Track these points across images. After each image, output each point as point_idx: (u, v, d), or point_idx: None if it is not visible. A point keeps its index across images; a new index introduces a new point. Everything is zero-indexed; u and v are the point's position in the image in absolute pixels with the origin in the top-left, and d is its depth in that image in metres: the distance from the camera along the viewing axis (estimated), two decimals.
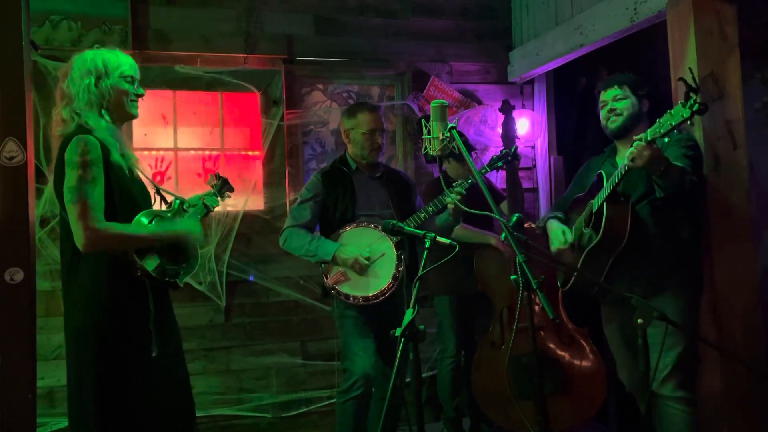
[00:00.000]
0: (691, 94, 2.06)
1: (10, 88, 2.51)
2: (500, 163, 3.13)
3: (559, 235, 2.76)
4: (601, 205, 2.53)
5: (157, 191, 2.37)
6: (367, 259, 2.89)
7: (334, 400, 3.76)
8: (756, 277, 2.73)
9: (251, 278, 3.78)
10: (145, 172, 2.32)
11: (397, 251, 2.92)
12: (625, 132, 2.68)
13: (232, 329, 3.77)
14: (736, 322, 2.66)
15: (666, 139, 2.38)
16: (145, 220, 2.13)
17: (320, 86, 4.05)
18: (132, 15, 3.63)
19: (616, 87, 2.69)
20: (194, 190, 2.67)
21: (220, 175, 2.64)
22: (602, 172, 2.62)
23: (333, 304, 3.05)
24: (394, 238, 2.89)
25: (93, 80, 2.15)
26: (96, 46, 2.28)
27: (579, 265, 2.65)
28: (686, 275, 2.58)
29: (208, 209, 2.45)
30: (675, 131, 2.47)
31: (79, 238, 2.03)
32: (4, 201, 2.49)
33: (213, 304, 3.71)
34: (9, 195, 2.49)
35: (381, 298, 2.87)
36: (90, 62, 2.17)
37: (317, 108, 4.03)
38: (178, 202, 2.36)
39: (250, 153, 3.90)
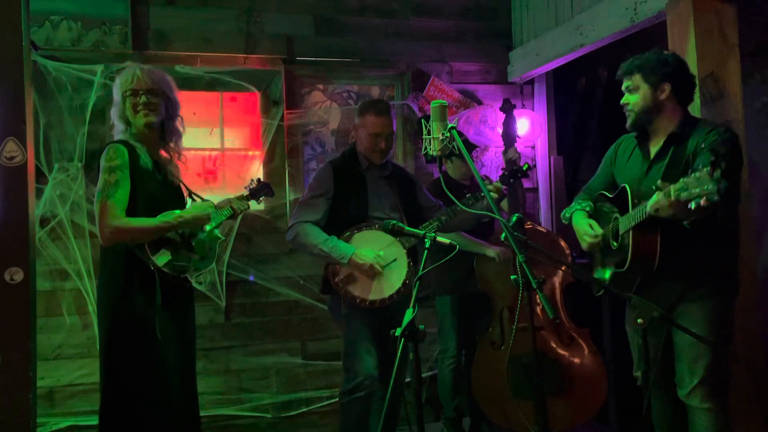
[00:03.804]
0: (721, 163, 1.86)
1: (10, 88, 2.51)
2: (512, 180, 3.06)
3: (587, 229, 2.57)
4: (628, 231, 2.35)
5: (190, 194, 2.64)
6: (381, 265, 2.81)
7: (334, 400, 3.77)
8: (756, 277, 2.74)
9: (251, 278, 3.77)
10: (180, 176, 2.60)
11: (408, 258, 2.85)
12: (642, 126, 2.49)
13: (232, 329, 3.77)
14: (736, 322, 2.66)
15: (703, 143, 2.18)
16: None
17: (320, 86, 4.05)
18: (132, 15, 3.63)
19: (627, 77, 2.47)
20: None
21: (262, 180, 2.92)
22: (626, 186, 2.42)
23: (333, 300, 2.97)
24: (407, 245, 2.83)
25: (116, 101, 2.47)
26: (128, 63, 2.60)
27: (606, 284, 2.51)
28: (715, 283, 2.41)
29: (234, 212, 2.71)
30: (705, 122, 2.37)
31: (100, 233, 2.32)
32: (4, 201, 2.48)
33: (213, 304, 3.71)
34: (9, 195, 2.49)
35: (388, 303, 2.81)
36: (116, 84, 2.48)
37: (317, 108, 4.03)
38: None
39: (250, 153, 3.90)
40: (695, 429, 2.45)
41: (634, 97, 2.45)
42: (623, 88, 2.49)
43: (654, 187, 2.15)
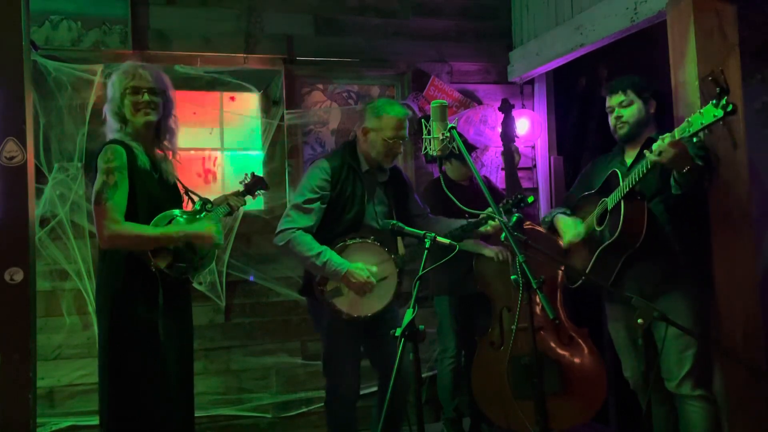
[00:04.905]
0: (724, 95, 2.01)
1: (10, 88, 2.51)
2: (514, 210, 3.02)
3: (571, 226, 2.74)
4: (618, 203, 2.52)
5: (186, 192, 2.60)
6: (374, 284, 2.73)
7: None
8: (756, 277, 2.73)
9: (251, 278, 3.77)
10: (176, 174, 2.57)
11: (398, 278, 2.80)
12: (633, 138, 2.69)
13: (232, 329, 3.77)
14: (736, 322, 2.66)
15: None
16: (163, 221, 2.37)
17: (320, 86, 4.05)
18: (132, 15, 3.63)
19: (620, 93, 2.68)
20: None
21: (256, 174, 2.89)
22: (617, 170, 2.62)
23: (314, 305, 2.87)
24: (400, 264, 2.80)
25: (112, 97, 2.43)
26: (129, 62, 2.51)
27: (591, 264, 2.65)
28: (696, 273, 2.58)
29: (231, 209, 2.70)
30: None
31: (99, 236, 2.31)
32: (4, 201, 2.48)
33: (213, 304, 3.71)
34: (9, 195, 2.49)
35: (370, 319, 2.77)
36: (113, 81, 2.44)
37: (317, 108, 4.03)
38: (200, 202, 2.58)
39: (250, 153, 3.90)
40: (689, 418, 2.51)
41: (628, 110, 2.67)
42: (616, 103, 2.70)
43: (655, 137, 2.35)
